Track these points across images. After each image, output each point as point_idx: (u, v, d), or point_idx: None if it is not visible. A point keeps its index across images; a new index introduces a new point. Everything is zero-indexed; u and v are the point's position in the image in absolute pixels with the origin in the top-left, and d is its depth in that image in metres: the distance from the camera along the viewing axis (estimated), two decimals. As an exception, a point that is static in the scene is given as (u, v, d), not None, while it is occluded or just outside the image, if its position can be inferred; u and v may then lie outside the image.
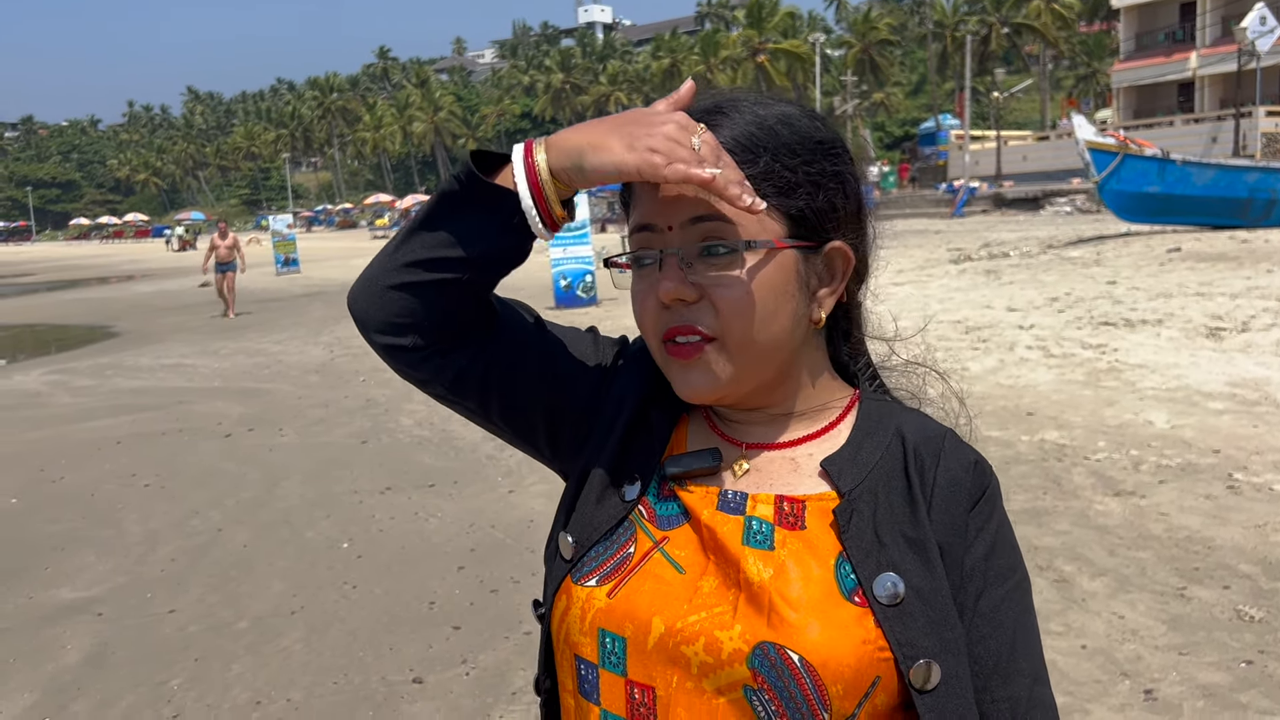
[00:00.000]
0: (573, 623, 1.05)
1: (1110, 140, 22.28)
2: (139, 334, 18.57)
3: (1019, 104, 79.65)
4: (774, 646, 0.96)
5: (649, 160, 0.97)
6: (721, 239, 1.02)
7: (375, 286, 1.09)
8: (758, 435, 1.12)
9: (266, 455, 8.31)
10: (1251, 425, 7.13)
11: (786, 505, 1.05)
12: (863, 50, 76.67)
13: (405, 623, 4.82)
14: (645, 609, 1.01)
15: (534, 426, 1.18)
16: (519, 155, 1.04)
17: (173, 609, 5.17)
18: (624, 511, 1.09)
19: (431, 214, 1.07)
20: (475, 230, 1.05)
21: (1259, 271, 14.28)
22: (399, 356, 1.11)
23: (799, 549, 1.02)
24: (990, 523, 1.06)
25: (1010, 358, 9.94)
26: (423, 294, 1.07)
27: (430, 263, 1.06)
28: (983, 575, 1.05)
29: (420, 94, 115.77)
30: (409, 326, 1.09)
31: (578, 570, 1.07)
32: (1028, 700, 1.05)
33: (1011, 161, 51.92)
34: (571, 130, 1.03)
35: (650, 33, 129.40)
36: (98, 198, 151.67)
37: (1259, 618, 4.27)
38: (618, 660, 1.02)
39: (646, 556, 1.05)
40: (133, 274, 41.44)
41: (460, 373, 1.12)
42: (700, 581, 1.02)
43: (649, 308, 1.06)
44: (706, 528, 1.05)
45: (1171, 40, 51.16)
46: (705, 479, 1.10)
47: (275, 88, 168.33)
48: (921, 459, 1.06)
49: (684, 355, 1.04)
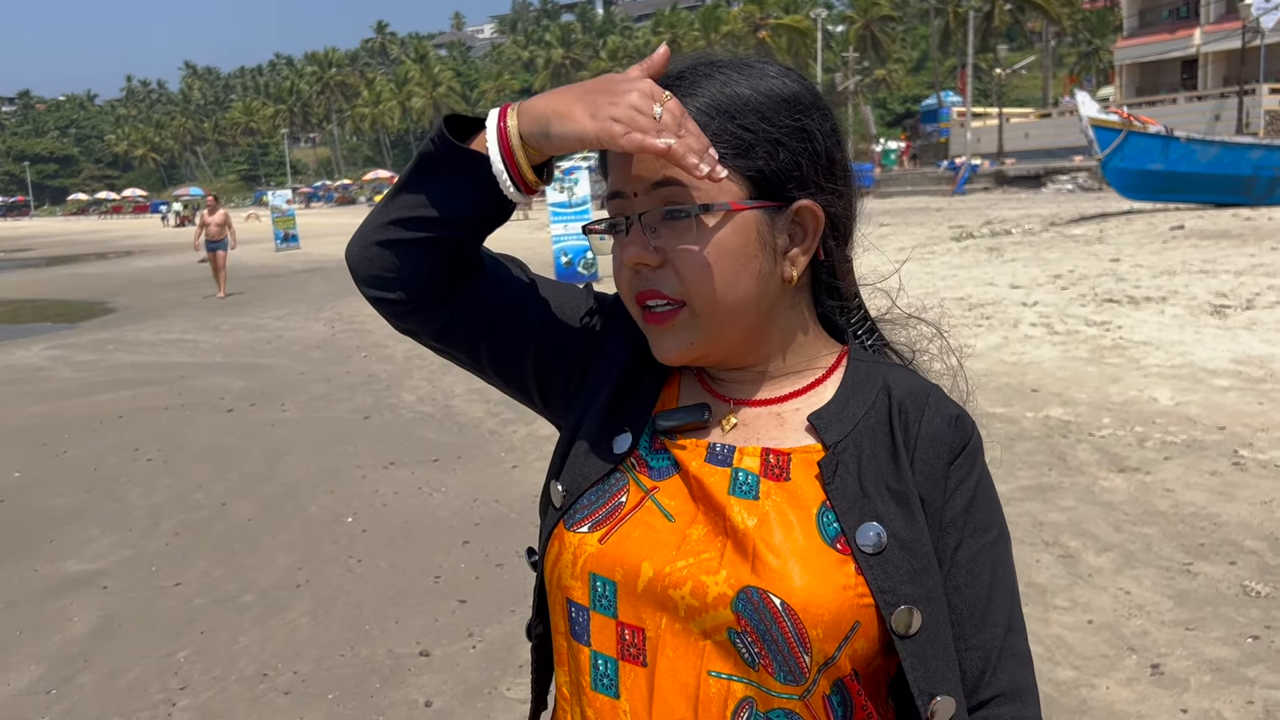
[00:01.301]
0: (564, 567, 1.08)
1: (1114, 117, 22.19)
2: (139, 309, 18.53)
3: (1021, 81, 79.28)
4: (757, 591, 1.00)
5: (608, 129, 0.98)
6: (679, 203, 1.04)
7: (363, 241, 1.13)
8: (745, 392, 1.14)
9: (269, 430, 8.30)
10: (1257, 402, 7.12)
11: (772, 457, 1.08)
12: (864, 26, 76.31)
13: (411, 596, 4.83)
14: (635, 554, 1.05)
15: (524, 377, 1.21)
16: (493, 120, 1.06)
17: (178, 582, 5.17)
18: (615, 462, 1.11)
19: (411, 175, 1.10)
20: (450, 191, 1.08)
21: (1263, 249, 14.24)
22: (387, 308, 1.16)
23: (782, 499, 1.05)
24: (970, 476, 1.09)
25: (1014, 335, 9.92)
26: (404, 251, 1.11)
27: (409, 221, 1.09)
28: (961, 527, 1.08)
29: (419, 69, 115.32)
30: (393, 281, 1.13)
31: (569, 517, 1.10)
32: (1000, 649, 1.07)
33: (1013, 139, 51.78)
34: (543, 96, 1.05)
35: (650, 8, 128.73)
36: (96, 173, 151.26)
37: (1265, 593, 4.28)
38: (608, 603, 1.05)
39: (639, 505, 1.08)
40: (131, 249, 41.34)
41: (445, 324, 1.16)
42: (689, 529, 1.05)
43: (622, 272, 1.09)
44: (695, 478, 1.08)
45: (1175, 17, 50.94)
46: (695, 433, 1.12)
47: (274, 63, 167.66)
48: (906, 413, 1.09)
49: (658, 321, 1.07)
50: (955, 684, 1.04)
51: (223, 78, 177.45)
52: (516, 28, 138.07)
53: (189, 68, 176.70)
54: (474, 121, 1.09)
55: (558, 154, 1.06)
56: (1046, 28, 70.30)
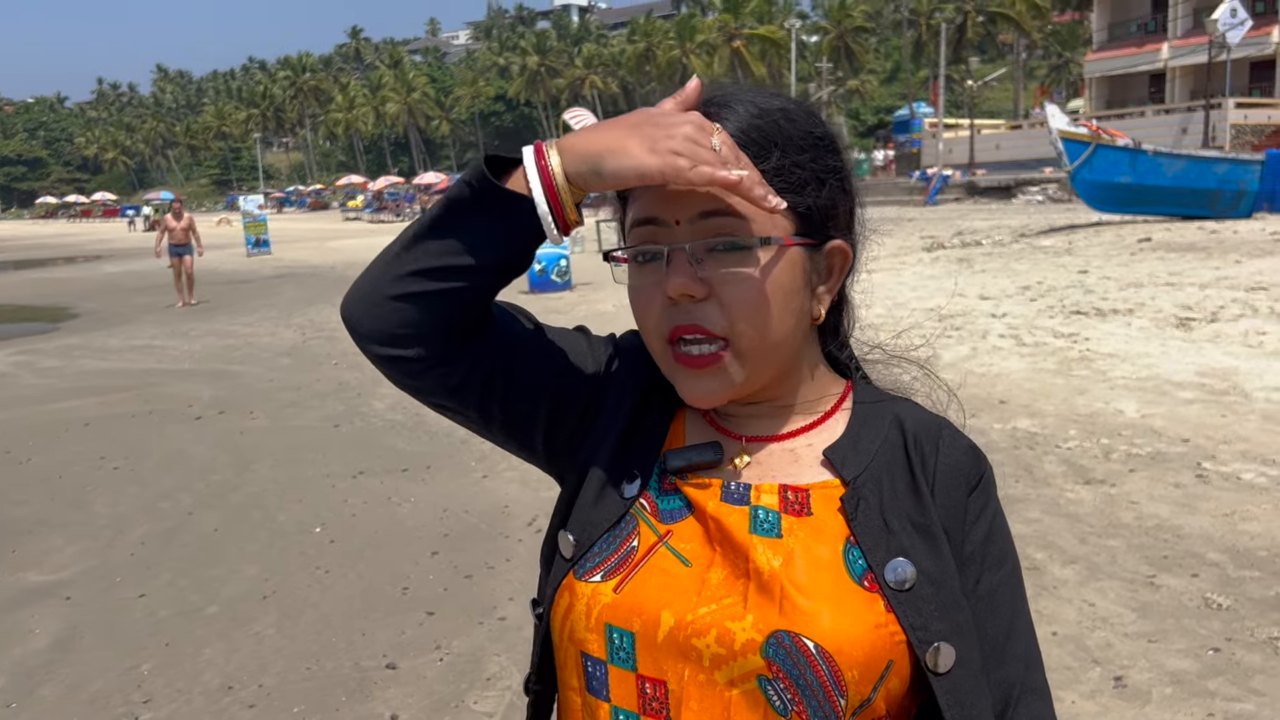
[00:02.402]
0: (578, 619, 1.04)
1: (1083, 130, 22.40)
2: (107, 314, 18.35)
3: (992, 93, 79.95)
4: (788, 634, 0.96)
5: (673, 163, 0.95)
6: (733, 235, 1.02)
7: (375, 297, 1.05)
8: (756, 428, 1.11)
9: (237, 438, 8.24)
10: (1220, 415, 7.21)
11: (791, 494, 1.06)
12: (838, 37, 76.70)
13: (378, 608, 4.80)
14: (653, 603, 1.01)
15: (533, 431, 1.15)
16: (531, 159, 1.00)
17: (143, 593, 5.12)
18: (625, 508, 1.08)
19: (439, 221, 1.03)
20: (487, 237, 1.02)
21: (1227, 262, 14.42)
22: (400, 367, 1.08)
23: (807, 536, 1.03)
24: (987, 508, 1.09)
25: (983, 346, 10.00)
26: (428, 304, 1.03)
27: (437, 271, 1.02)
28: (981, 559, 1.07)
29: (393, 75, 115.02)
30: (412, 338, 1.05)
31: (580, 567, 1.06)
32: (1021, 684, 1.07)
33: (984, 150, 52.16)
34: (584, 133, 1.00)
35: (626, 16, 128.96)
36: (65, 176, 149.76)
37: (1226, 605, 4.32)
38: (626, 655, 1.01)
39: (651, 550, 1.04)
40: (100, 254, 40.95)
41: (462, 382, 1.09)
42: (707, 574, 1.02)
43: (653, 305, 1.04)
44: (713, 519, 1.04)
45: (1144, 31, 51.48)
46: (706, 472, 1.09)
47: (246, 67, 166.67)
48: (922, 446, 1.08)
49: (697, 364, 1.04)
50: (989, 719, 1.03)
51: (195, 81, 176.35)
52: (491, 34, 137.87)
53: (161, 71, 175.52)
54: (505, 161, 1.04)
55: (607, 190, 1.02)
56: (1018, 40, 70.93)
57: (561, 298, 16.27)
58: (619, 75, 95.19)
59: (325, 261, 28.71)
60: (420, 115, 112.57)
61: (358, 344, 1.08)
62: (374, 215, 64.34)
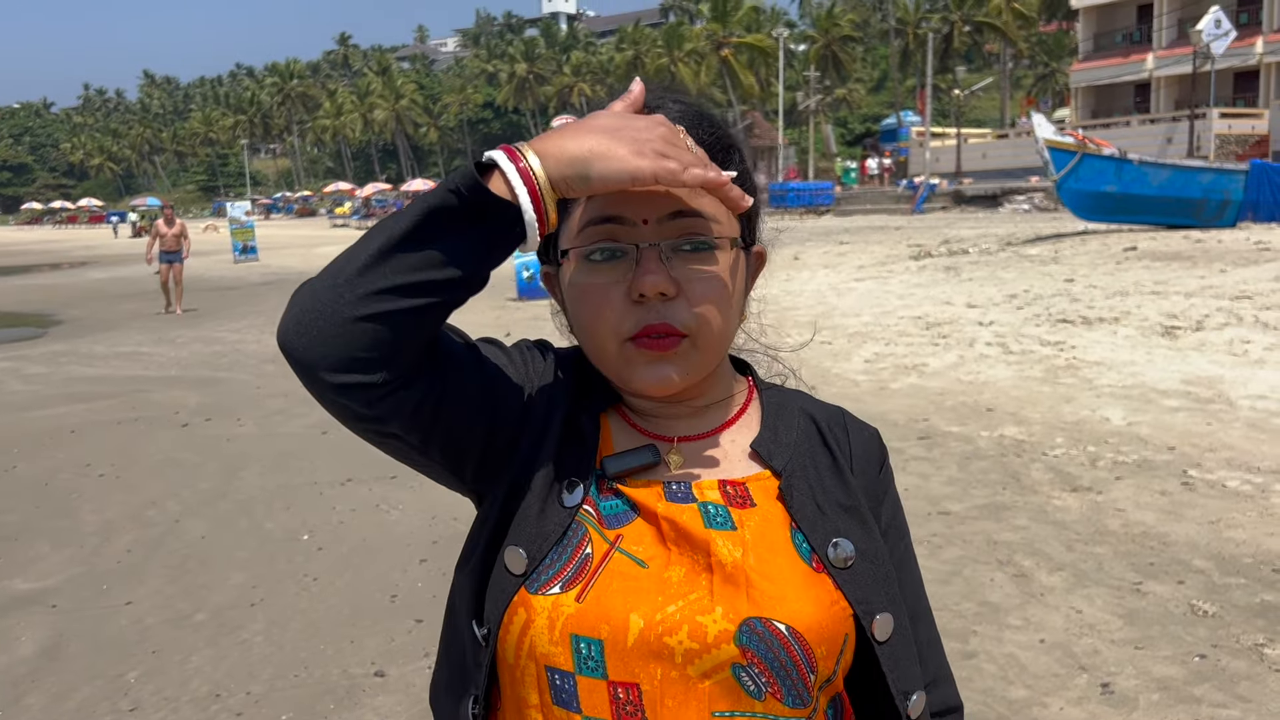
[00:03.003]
0: (539, 634, 1.02)
1: (1069, 139, 22.52)
2: (93, 321, 18.28)
3: (979, 102, 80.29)
4: (760, 621, 1.00)
5: (665, 166, 0.96)
6: (700, 235, 1.05)
7: (334, 320, 0.95)
8: (681, 428, 1.14)
9: (225, 445, 8.22)
10: (1205, 423, 7.25)
11: (730, 488, 1.10)
12: (826, 46, 76.90)
13: (367, 615, 4.79)
14: (620, 608, 1.01)
15: (468, 452, 1.09)
16: (510, 164, 0.97)
17: (129, 600, 5.10)
18: (570, 516, 1.06)
19: (417, 231, 0.96)
20: (470, 247, 0.97)
21: (1212, 271, 14.51)
22: (358, 395, 0.98)
23: (758, 525, 1.07)
24: (891, 484, 1.21)
25: (970, 354, 10.03)
26: (400, 322, 0.96)
27: (414, 287, 0.95)
28: (892, 532, 1.17)
29: (381, 82, 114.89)
30: (376, 361, 0.96)
31: (533, 581, 1.04)
32: (927, 641, 1.18)
33: (971, 159, 52.38)
34: (560, 138, 0.98)
35: (614, 24, 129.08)
36: (51, 182, 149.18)
37: (1212, 612, 4.35)
38: (596, 664, 1.00)
39: (607, 557, 1.04)
40: (86, 260, 40.78)
41: (417, 406, 1.02)
42: (666, 573, 1.03)
43: (611, 304, 1.04)
44: (665, 519, 1.06)
45: (1129, 42, 51.81)
46: (644, 474, 1.10)
47: (234, 73, 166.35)
48: (835, 434, 1.17)
49: (662, 348, 1.04)
50: (920, 679, 1.12)
51: (182, 87, 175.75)
52: (480, 41, 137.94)
53: (148, 77, 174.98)
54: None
55: (589, 194, 1.00)
56: (1004, 50, 71.27)
57: (550, 304, 16.21)
58: (607, 83, 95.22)
59: (313, 268, 28.29)
60: (408, 122, 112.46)
61: (302, 372, 0.98)
62: (361, 222, 64.21)
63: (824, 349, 10.91)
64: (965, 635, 4.21)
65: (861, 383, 9.17)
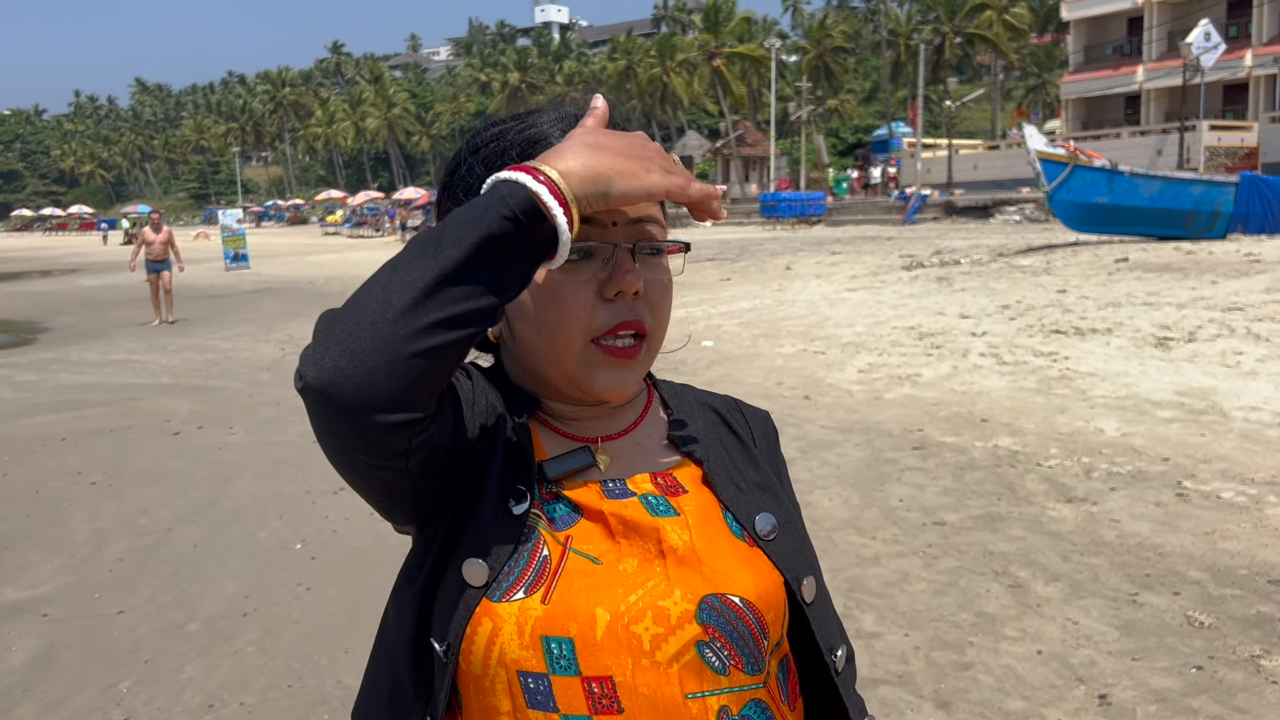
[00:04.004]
0: (508, 640, 1.02)
1: (1060, 151, 22.62)
2: (84, 328, 18.22)
3: (970, 113, 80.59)
4: (716, 596, 1.06)
5: (674, 181, 1.01)
6: (656, 240, 1.12)
7: (393, 356, 0.89)
8: (601, 428, 1.18)
9: (217, 454, 8.19)
10: (1199, 434, 7.26)
11: (661, 480, 1.16)
12: (818, 56, 77.15)
13: (361, 625, 4.76)
14: (585, 604, 1.04)
15: (441, 475, 1.05)
16: (540, 185, 0.94)
17: (121, 610, 5.07)
18: (522, 524, 1.07)
19: (471, 261, 0.91)
20: (519, 273, 0.96)
21: (1204, 283, 14.56)
22: (405, 432, 0.94)
23: (695, 510, 1.13)
24: (782, 457, 1.33)
25: (963, 364, 10.04)
26: (452, 352, 0.93)
27: (463, 317, 0.92)
28: (791, 501, 1.26)
29: (374, 90, 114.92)
30: (423, 397, 0.93)
31: (494, 591, 1.04)
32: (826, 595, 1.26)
33: (962, 170, 52.52)
34: (572, 156, 0.97)
35: (607, 34, 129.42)
36: (41, 189, 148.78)
37: (1208, 624, 4.35)
38: (568, 663, 1.03)
39: (563, 558, 1.07)
40: (77, 267, 40.67)
41: (441, 434, 1.01)
42: (620, 566, 1.07)
43: (584, 302, 1.07)
44: (611, 515, 1.10)
45: (1119, 54, 52.08)
46: (579, 476, 1.14)
47: (226, 81, 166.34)
48: (735, 419, 1.28)
49: (626, 355, 1.10)
50: (841, 635, 1.22)
51: (174, 95, 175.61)
52: (472, 50, 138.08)
53: (139, 84, 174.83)
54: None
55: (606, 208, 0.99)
56: (995, 61, 71.59)
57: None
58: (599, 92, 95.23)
59: (304, 276, 28.61)
60: (401, 130, 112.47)
61: (350, 416, 0.91)
62: (353, 230, 64.22)
63: (818, 359, 10.91)
64: (962, 646, 4.20)
65: (855, 393, 9.17)
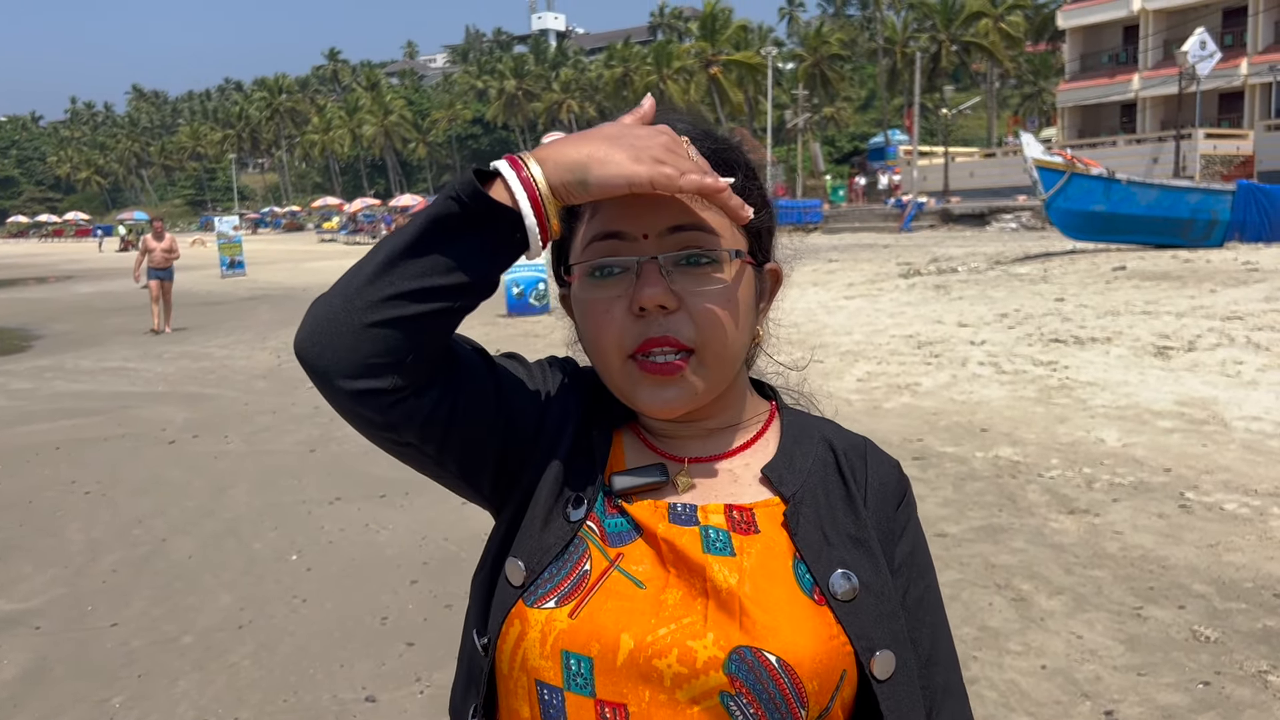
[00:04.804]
0: (531, 647, 1.02)
1: (1058, 159, 22.61)
2: (79, 336, 18.14)
3: (966, 121, 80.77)
4: (750, 650, 0.98)
5: (662, 171, 0.97)
6: (702, 248, 1.04)
7: (348, 326, 0.99)
8: (694, 449, 1.13)
9: (212, 463, 8.13)
10: (1200, 444, 7.23)
11: (736, 513, 1.08)
12: (814, 64, 77.26)
13: (357, 638, 4.71)
14: (612, 627, 1.00)
15: (485, 463, 1.11)
16: (511, 171, 1.00)
17: (115, 622, 5.01)
18: (573, 532, 1.07)
19: (421, 238, 0.99)
20: (473, 252, 1.00)
21: (1202, 291, 14.54)
22: (372, 402, 1.01)
23: (758, 553, 1.05)
24: (911, 521, 1.16)
25: (962, 373, 10.01)
26: (409, 327, 0.99)
27: (421, 292, 0.98)
28: (909, 570, 1.13)
29: (370, 97, 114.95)
30: (388, 366, 1.00)
31: (530, 594, 1.04)
32: (944, 687, 1.13)
33: (959, 177, 52.58)
34: (561, 144, 1.00)
35: (603, 41, 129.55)
36: (37, 195, 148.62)
37: (1214, 638, 4.30)
38: (584, 681, 1.00)
39: (605, 575, 1.04)
40: (73, 274, 40.58)
41: (431, 413, 1.05)
42: (663, 595, 1.02)
43: (614, 319, 1.05)
44: (664, 541, 1.05)
45: (1115, 62, 52.17)
46: (651, 494, 1.10)
47: (223, 88, 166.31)
48: (852, 463, 1.14)
49: (664, 372, 1.04)
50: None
51: (170, 101, 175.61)
52: (469, 58, 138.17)
53: (136, 91, 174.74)
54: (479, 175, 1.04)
55: (589, 200, 1.01)
56: (991, 69, 71.71)
57: (540, 321, 16.21)
58: (596, 100, 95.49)
59: (300, 283, 28.54)
60: (397, 138, 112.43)
61: (319, 380, 1.01)
62: (349, 237, 64.18)
63: (816, 368, 10.87)
64: (966, 661, 4.15)
65: (855, 402, 9.13)
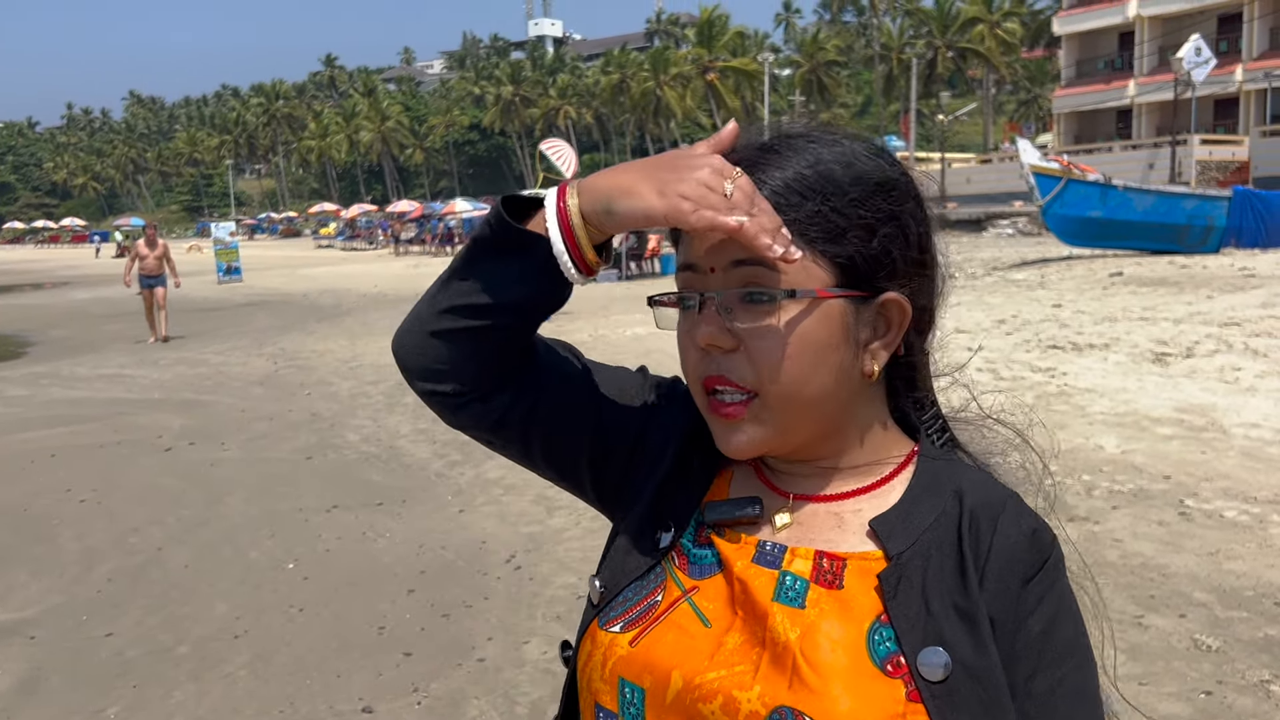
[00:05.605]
0: (594, 669, 1.03)
1: (1055, 165, 22.64)
2: (75, 342, 18.11)
3: (962, 127, 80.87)
4: (792, 712, 0.90)
5: (677, 205, 0.94)
6: (761, 286, 0.97)
7: (418, 333, 1.08)
8: (804, 486, 1.06)
9: (208, 470, 8.10)
10: (1199, 451, 7.21)
11: (826, 562, 1.00)
12: (810, 70, 77.45)
13: (354, 648, 4.68)
14: (665, 661, 0.98)
15: (578, 469, 1.16)
16: (551, 199, 1.02)
17: (110, 632, 4.98)
18: (656, 559, 1.06)
19: (465, 261, 1.06)
20: (507, 276, 1.03)
21: (1199, 297, 14.55)
22: (438, 402, 1.10)
23: (831, 610, 0.96)
24: (1048, 597, 0.98)
25: (960, 379, 9.98)
26: (459, 340, 1.06)
27: (464, 309, 1.04)
28: (1037, 654, 0.96)
29: (367, 103, 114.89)
30: (447, 373, 1.07)
31: (604, 615, 1.05)
32: None
33: (955, 183, 52.61)
34: (606, 173, 1.01)
35: (600, 48, 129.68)
36: (33, 201, 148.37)
37: (1216, 647, 4.28)
38: (636, 712, 0.98)
39: (673, 606, 1.02)
40: (69, 280, 40.54)
41: (501, 418, 1.11)
42: (725, 637, 0.98)
43: (689, 352, 1.03)
44: (739, 580, 1.00)
45: (1111, 68, 52.28)
46: (745, 527, 1.05)
47: (220, 93, 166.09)
48: (978, 524, 0.98)
49: (728, 415, 1.01)
50: None
51: (167, 108, 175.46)
52: (466, 64, 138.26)
53: (133, 96, 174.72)
54: (529, 202, 1.05)
55: (621, 231, 1.01)
56: (987, 75, 71.86)
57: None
58: (593, 106, 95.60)
59: (297, 289, 28.52)
60: (394, 143, 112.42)
61: (406, 379, 1.11)
62: (346, 243, 64.14)
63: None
64: (966, 670, 4.13)
65: (852, 409, 9.11)
